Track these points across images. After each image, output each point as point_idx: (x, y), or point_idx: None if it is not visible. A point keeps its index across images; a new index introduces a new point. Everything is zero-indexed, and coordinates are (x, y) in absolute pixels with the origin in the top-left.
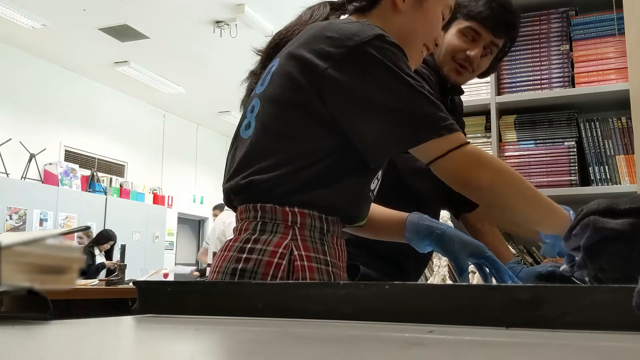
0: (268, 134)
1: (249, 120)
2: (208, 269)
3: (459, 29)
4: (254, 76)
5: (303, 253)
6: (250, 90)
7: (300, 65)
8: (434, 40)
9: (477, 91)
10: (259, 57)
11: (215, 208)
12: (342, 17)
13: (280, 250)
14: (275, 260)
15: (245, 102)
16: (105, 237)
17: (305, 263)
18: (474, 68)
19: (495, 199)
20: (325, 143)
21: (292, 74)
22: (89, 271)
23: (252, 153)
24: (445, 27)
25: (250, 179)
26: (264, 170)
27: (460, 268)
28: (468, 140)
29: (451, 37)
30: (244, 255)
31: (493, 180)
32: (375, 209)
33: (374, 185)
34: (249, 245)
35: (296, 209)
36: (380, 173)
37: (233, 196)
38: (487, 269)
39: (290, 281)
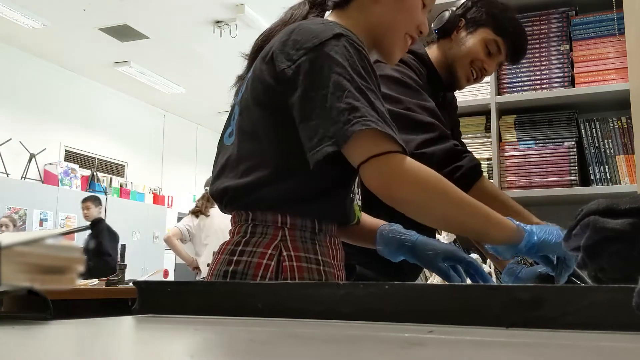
0: (247, 139)
1: (232, 128)
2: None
3: (485, 39)
4: (242, 80)
5: (292, 253)
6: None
7: (270, 69)
8: (417, 28)
9: (477, 91)
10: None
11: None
12: (327, 13)
13: (270, 251)
14: (264, 261)
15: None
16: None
17: (295, 263)
18: (481, 77)
19: (420, 215)
20: (301, 146)
21: (264, 77)
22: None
23: (232, 160)
24: (470, 29)
25: (229, 184)
26: (246, 174)
27: (442, 273)
28: (398, 150)
29: (476, 43)
30: (235, 258)
31: (414, 196)
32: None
33: (355, 184)
34: (239, 248)
35: (287, 214)
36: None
37: (218, 201)
38: (464, 271)
39: (290, 281)
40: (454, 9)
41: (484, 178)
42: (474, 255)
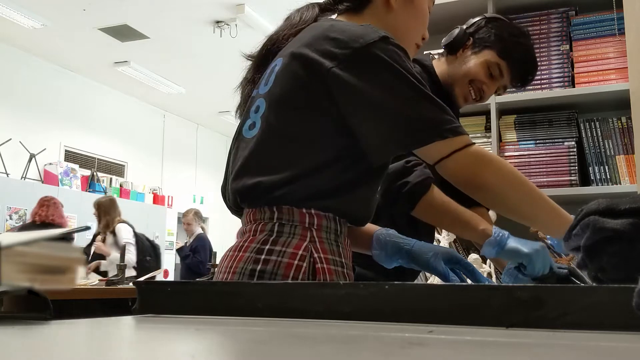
0: (276, 134)
1: (253, 120)
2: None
3: (488, 60)
4: (249, 83)
5: (322, 255)
6: (247, 96)
7: (306, 65)
8: (421, 36)
9: None
10: (250, 62)
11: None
12: (332, 17)
13: (300, 252)
14: (296, 262)
15: (243, 107)
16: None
17: (325, 265)
18: (480, 99)
19: (498, 200)
20: (336, 143)
21: (298, 73)
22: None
23: (259, 153)
24: (475, 49)
25: (259, 180)
26: (273, 171)
27: (442, 275)
28: (473, 142)
29: (477, 64)
30: (263, 257)
31: (496, 180)
32: None
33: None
34: (267, 247)
35: (313, 211)
36: None
37: (240, 198)
38: (463, 273)
39: (290, 281)
40: (466, 26)
41: (434, 190)
42: (474, 256)
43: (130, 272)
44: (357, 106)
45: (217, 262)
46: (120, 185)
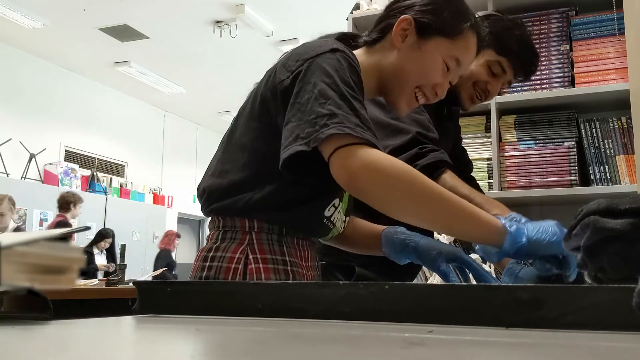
0: (232, 144)
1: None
2: None
3: (488, 60)
4: None
5: (258, 256)
6: None
7: (270, 82)
8: (432, 87)
9: None
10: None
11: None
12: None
13: (237, 255)
14: (233, 265)
15: None
16: (100, 235)
17: (261, 265)
18: (486, 99)
19: (383, 206)
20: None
21: (263, 91)
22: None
23: (215, 162)
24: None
25: (205, 186)
26: (222, 177)
27: (443, 274)
28: (371, 143)
29: (478, 65)
30: (207, 264)
31: (378, 186)
32: (357, 223)
33: (330, 212)
34: (211, 254)
35: (254, 219)
36: (337, 201)
37: (200, 201)
38: (467, 271)
39: (290, 281)
40: None
41: (447, 175)
42: (474, 256)
43: None
44: (288, 110)
45: None
46: (120, 185)
